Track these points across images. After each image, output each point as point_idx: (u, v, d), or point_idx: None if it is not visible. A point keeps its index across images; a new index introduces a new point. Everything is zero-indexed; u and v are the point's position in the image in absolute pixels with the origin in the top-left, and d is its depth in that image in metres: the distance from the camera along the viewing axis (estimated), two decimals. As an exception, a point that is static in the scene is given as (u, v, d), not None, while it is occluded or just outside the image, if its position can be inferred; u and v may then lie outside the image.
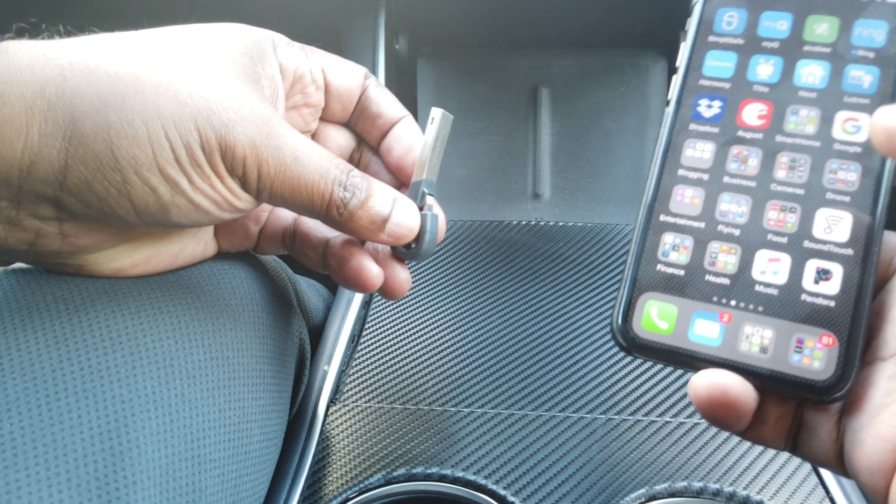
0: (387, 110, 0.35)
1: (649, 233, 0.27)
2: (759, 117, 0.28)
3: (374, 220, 0.31)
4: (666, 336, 0.26)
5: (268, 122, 0.28)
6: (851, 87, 0.27)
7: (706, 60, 0.29)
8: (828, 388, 0.24)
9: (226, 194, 0.28)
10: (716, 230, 0.27)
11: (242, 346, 0.34)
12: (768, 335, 0.25)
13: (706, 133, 0.28)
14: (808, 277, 0.25)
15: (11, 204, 0.26)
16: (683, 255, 0.27)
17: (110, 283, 0.31)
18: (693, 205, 0.27)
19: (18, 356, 0.27)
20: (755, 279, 0.26)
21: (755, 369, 0.25)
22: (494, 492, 0.39)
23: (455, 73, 0.72)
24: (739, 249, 0.26)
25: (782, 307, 0.25)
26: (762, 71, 0.28)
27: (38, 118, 0.25)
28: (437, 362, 0.48)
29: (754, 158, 0.27)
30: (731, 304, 0.26)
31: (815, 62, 0.28)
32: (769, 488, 0.39)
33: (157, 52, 0.27)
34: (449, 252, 0.59)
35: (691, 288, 0.26)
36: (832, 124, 0.27)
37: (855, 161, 0.26)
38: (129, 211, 0.27)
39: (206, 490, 0.30)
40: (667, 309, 0.26)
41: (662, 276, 0.27)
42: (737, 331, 0.25)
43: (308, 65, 0.33)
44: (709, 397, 0.24)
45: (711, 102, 0.28)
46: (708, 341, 0.25)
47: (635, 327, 0.26)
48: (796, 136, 0.27)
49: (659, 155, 0.28)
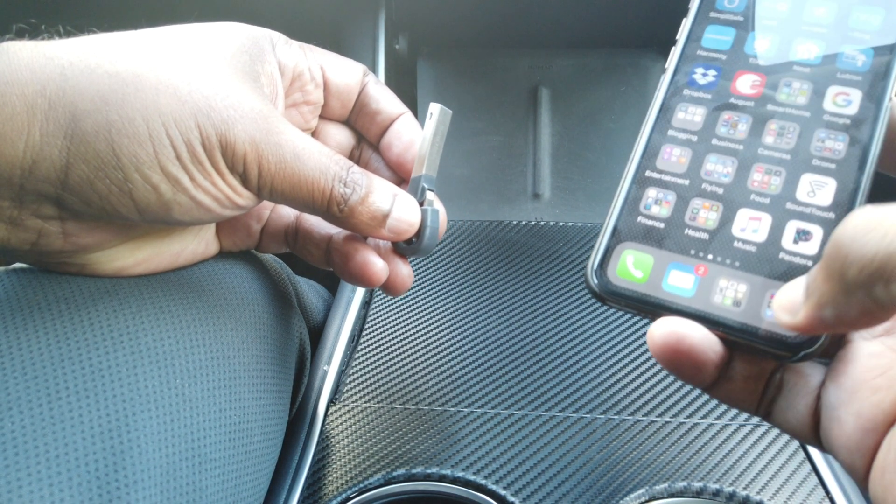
0: (386, 107, 0.35)
1: (634, 186, 0.28)
2: (752, 87, 0.28)
3: (375, 215, 0.31)
4: (640, 284, 0.26)
5: (267, 120, 0.28)
6: (845, 64, 0.27)
7: (705, 33, 0.30)
8: (797, 345, 0.23)
9: (227, 191, 0.28)
10: (699, 188, 0.27)
11: (243, 346, 0.34)
12: (742, 289, 0.25)
13: (699, 98, 0.29)
14: (787, 237, 0.25)
15: (14, 204, 0.26)
16: (665, 210, 0.27)
17: (111, 283, 0.31)
18: (679, 163, 0.28)
19: (20, 355, 0.27)
20: (734, 236, 0.26)
21: (725, 321, 0.24)
22: (494, 492, 0.39)
23: (455, 73, 0.72)
24: (721, 207, 0.27)
25: (759, 264, 0.25)
26: (759, 45, 0.29)
27: (40, 117, 0.25)
28: (437, 362, 0.48)
29: (744, 124, 0.28)
30: (707, 257, 0.26)
31: (811, 40, 0.28)
32: (769, 488, 0.39)
33: (157, 50, 0.27)
34: (449, 252, 0.59)
35: (669, 240, 0.26)
36: (824, 97, 0.27)
37: (843, 132, 0.27)
38: (131, 209, 0.27)
39: (206, 489, 0.30)
40: (643, 259, 0.26)
41: (642, 228, 0.27)
42: (711, 283, 0.25)
43: (307, 62, 0.33)
44: (664, 344, 0.23)
45: (707, 71, 0.29)
46: (681, 292, 0.25)
47: (610, 275, 0.26)
48: (787, 106, 0.28)
49: (651, 116, 0.29)
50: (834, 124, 0.27)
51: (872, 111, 0.27)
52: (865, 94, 0.27)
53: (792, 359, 0.24)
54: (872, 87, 0.27)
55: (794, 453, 0.41)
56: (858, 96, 0.27)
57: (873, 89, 0.27)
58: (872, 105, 0.27)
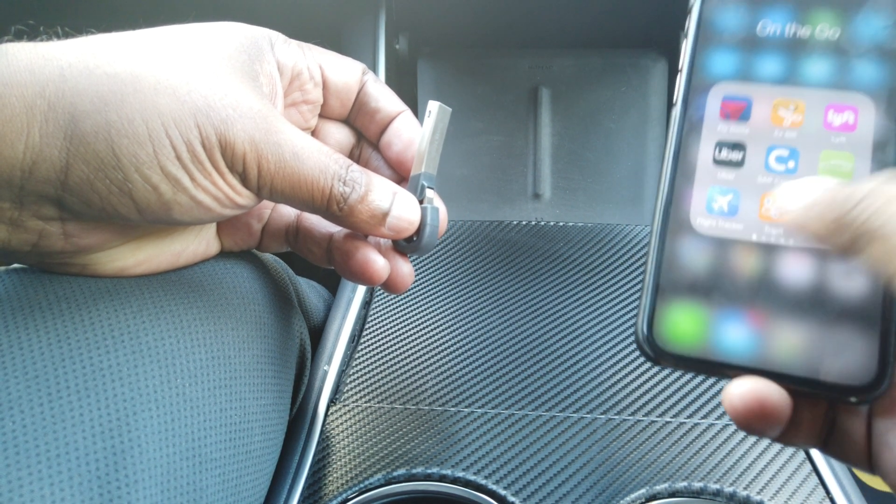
0: (385, 105, 0.35)
1: (669, 236, 0.26)
2: (792, 115, 0.27)
3: (375, 214, 0.31)
4: (694, 345, 0.25)
5: (266, 119, 0.28)
6: (856, 81, 0.26)
7: (708, 58, 0.28)
8: (865, 389, 0.23)
9: (227, 191, 0.28)
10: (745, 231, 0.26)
11: (244, 346, 0.34)
12: (801, 339, 0.24)
13: (729, 132, 0.27)
14: (836, 277, 0.24)
15: (14, 205, 0.26)
16: (709, 258, 0.25)
17: (112, 282, 0.31)
18: (719, 206, 0.26)
19: (20, 354, 0.27)
20: (783, 282, 0.25)
21: (790, 375, 0.24)
22: (494, 492, 0.39)
23: (455, 74, 0.72)
24: (767, 251, 0.25)
25: (813, 309, 0.24)
26: (767, 67, 0.27)
27: (39, 118, 0.25)
28: (437, 362, 0.48)
29: (786, 157, 0.26)
30: (760, 308, 0.25)
31: (818, 58, 0.27)
32: (769, 488, 0.39)
33: (155, 50, 0.27)
34: (449, 252, 0.59)
35: (718, 292, 0.25)
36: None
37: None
38: (132, 209, 0.27)
39: (206, 489, 0.30)
40: (693, 315, 0.25)
41: (686, 281, 0.25)
42: (768, 336, 0.24)
43: (306, 62, 0.33)
44: (745, 408, 0.23)
45: (735, 101, 0.27)
46: (739, 348, 0.24)
47: (662, 337, 0.25)
48: (833, 134, 0.26)
49: (671, 156, 0.27)
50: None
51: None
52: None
53: (863, 403, 0.23)
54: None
55: (794, 453, 0.41)
56: (873, 116, 0.26)
57: None
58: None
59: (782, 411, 0.23)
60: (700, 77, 0.28)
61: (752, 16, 0.28)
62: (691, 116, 0.27)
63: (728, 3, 0.28)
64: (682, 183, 0.27)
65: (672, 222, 0.26)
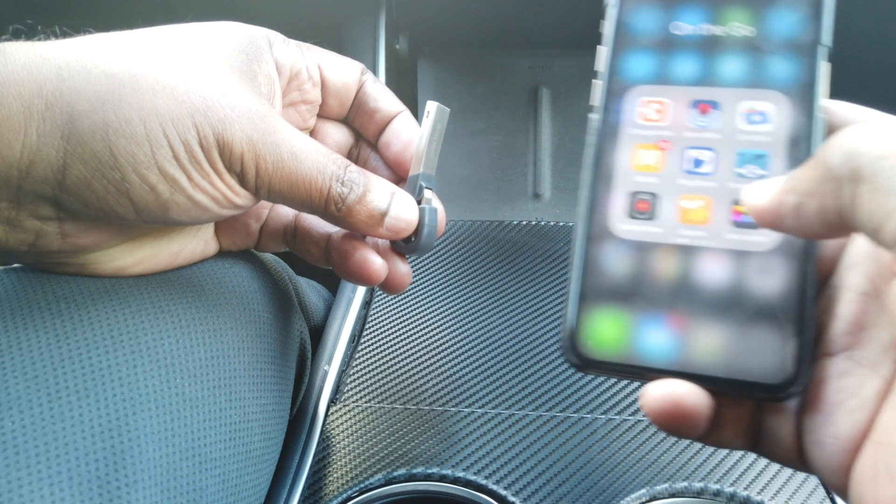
0: (384, 105, 0.35)
1: (589, 244, 0.26)
2: (703, 116, 0.27)
3: (373, 214, 0.31)
4: (618, 350, 0.25)
5: (265, 119, 0.28)
6: (770, 78, 0.26)
7: (625, 62, 0.28)
8: (783, 386, 0.23)
9: (225, 191, 0.28)
10: (664, 236, 0.26)
11: (243, 346, 0.34)
12: (719, 340, 0.24)
13: (643, 135, 0.27)
14: (753, 277, 0.24)
15: (11, 205, 0.26)
16: (628, 265, 0.25)
17: (111, 282, 0.31)
18: (639, 210, 0.26)
19: (20, 354, 0.27)
20: (702, 284, 0.25)
21: (709, 376, 0.24)
22: (495, 492, 0.39)
23: (455, 73, 0.72)
24: (685, 253, 0.25)
25: (731, 310, 0.24)
26: (683, 68, 0.27)
27: (37, 118, 0.25)
28: (437, 362, 0.48)
29: (705, 158, 0.26)
30: (680, 311, 0.24)
31: (732, 55, 0.27)
32: (770, 489, 0.39)
33: (153, 50, 0.27)
34: (449, 252, 0.59)
35: (639, 297, 0.25)
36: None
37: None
38: (129, 209, 0.27)
39: (206, 489, 0.30)
40: (615, 322, 0.25)
41: (607, 289, 0.25)
42: (688, 338, 0.24)
43: (304, 61, 0.33)
44: (661, 410, 0.23)
45: (648, 106, 0.27)
46: (660, 351, 0.24)
47: (585, 345, 0.25)
48: (748, 133, 0.26)
49: (590, 162, 0.27)
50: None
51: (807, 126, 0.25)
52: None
53: (783, 399, 0.23)
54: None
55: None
56: (793, 114, 0.26)
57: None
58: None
59: (699, 412, 0.23)
60: (617, 81, 0.28)
61: (666, 17, 0.28)
62: (610, 121, 0.27)
63: (643, 5, 0.28)
64: (603, 188, 0.26)
65: (593, 228, 0.26)
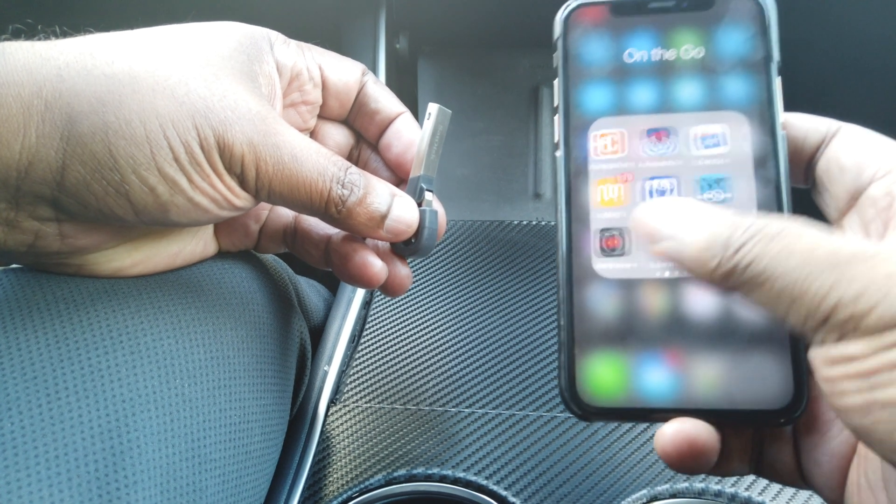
0: (385, 107, 0.35)
1: (574, 286, 0.25)
2: (661, 143, 0.26)
3: (373, 216, 0.30)
4: (619, 395, 0.24)
5: (265, 121, 0.28)
6: (726, 99, 0.26)
7: (580, 95, 0.27)
8: (786, 411, 0.23)
9: (225, 192, 0.28)
10: (645, 271, 0.25)
11: (243, 346, 0.34)
12: (718, 372, 0.24)
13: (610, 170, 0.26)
14: (741, 304, 0.24)
15: (10, 206, 0.26)
16: (616, 304, 0.25)
17: (110, 283, 0.31)
18: (615, 246, 0.26)
19: (19, 355, 0.27)
20: (692, 316, 0.24)
21: (714, 410, 0.24)
22: (495, 492, 0.39)
23: (456, 73, 0.72)
24: (668, 287, 0.25)
25: (725, 340, 0.24)
26: (638, 96, 0.27)
27: (36, 119, 0.25)
28: (437, 362, 0.48)
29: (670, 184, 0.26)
30: (675, 347, 0.24)
31: (686, 78, 0.26)
32: (770, 490, 0.38)
33: (154, 51, 0.27)
34: (449, 252, 0.59)
35: (632, 337, 0.24)
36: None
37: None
38: (128, 211, 0.27)
39: (206, 490, 0.30)
40: (612, 366, 0.24)
41: (599, 332, 0.25)
42: (687, 374, 0.24)
43: (305, 62, 0.33)
44: (676, 451, 0.23)
45: (598, 141, 0.27)
46: (661, 391, 0.24)
47: (585, 393, 0.24)
48: (709, 158, 0.26)
49: (563, 201, 0.26)
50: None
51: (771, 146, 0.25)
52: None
53: (787, 424, 0.24)
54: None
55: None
56: (755, 133, 0.25)
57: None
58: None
59: (712, 447, 0.23)
60: (576, 116, 0.27)
61: (617, 45, 0.27)
62: (575, 158, 0.27)
63: (592, 34, 0.27)
64: (578, 228, 0.26)
65: (575, 270, 0.25)
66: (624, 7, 0.27)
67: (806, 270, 0.19)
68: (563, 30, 0.27)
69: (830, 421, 0.23)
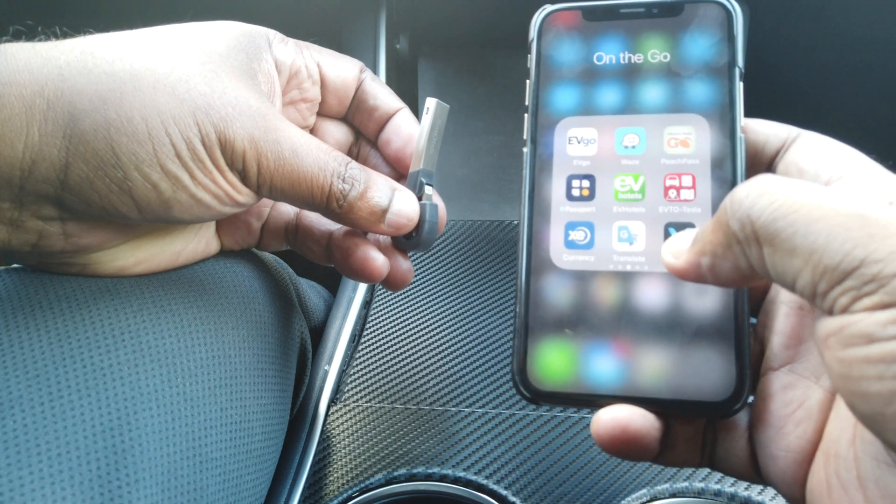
0: (383, 103, 0.35)
1: (532, 276, 0.26)
2: (630, 143, 0.27)
3: (374, 210, 0.31)
4: (566, 380, 0.25)
5: (265, 117, 0.28)
6: (690, 102, 0.27)
7: (551, 95, 0.28)
8: (727, 403, 0.24)
9: (227, 188, 0.28)
10: (603, 264, 0.26)
11: (244, 345, 0.34)
12: (663, 363, 0.25)
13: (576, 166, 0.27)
14: (690, 298, 0.25)
15: (14, 205, 0.26)
16: (570, 295, 0.26)
17: (112, 282, 0.31)
18: (578, 241, 0.27)
19: (21, 354, 0.27)
20: (642, 309, 0.25)
21: (657, 398, 0.24)
22: (495, 492, 0.39)
23: (456, 73, 0.72)
24: (623, 280, 0.26)
25: (671, 333, 0.25)
26: (607, 97, 0.28)
27: (38, 118, 0.25)
28: (437, 362, 0.48)
29: (633, 185, 0.27)
30: (623, 337, 0.25)
31: (652, 82, 0.27)
32: (770, 489, 0.39)
33: (154, 50, 0.27)
34: (450, 252, 0.59)
35: (583, 326, 0.25)
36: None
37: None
38: (131, 208, 0.27)
39: (207, 489, 0.30)
40: (562, 352, 0.25)
41: (552, 321, 0.26)
42: (632, 363, 0.25)
43: (303, 60, 0.33)
44: (610, 436, 0.24)
45: (575, 135, 0.28)
46: (607, 378, 0.25)
47: (535, 377, 0.25)
48: (676, 157, 0.27)
49: (527, 195, 0.27)
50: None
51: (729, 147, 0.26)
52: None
53: (728, 415, 0.24)
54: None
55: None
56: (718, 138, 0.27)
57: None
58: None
59: (647, 434, 0.24)
60: (545, 114, 0.28)
61: (587, 48, 0.28)
62: (541, 154, 0.28)
63: (564, 37, 0.29)
64: (541, 221, 0.27)
65: (535, 261, 0.27)
66: (596, 12, 0.29)
67: (831, 224, 0.18)
68: (537, 33, 0.29)
69: (786, 416, 0.24)
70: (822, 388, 0.23)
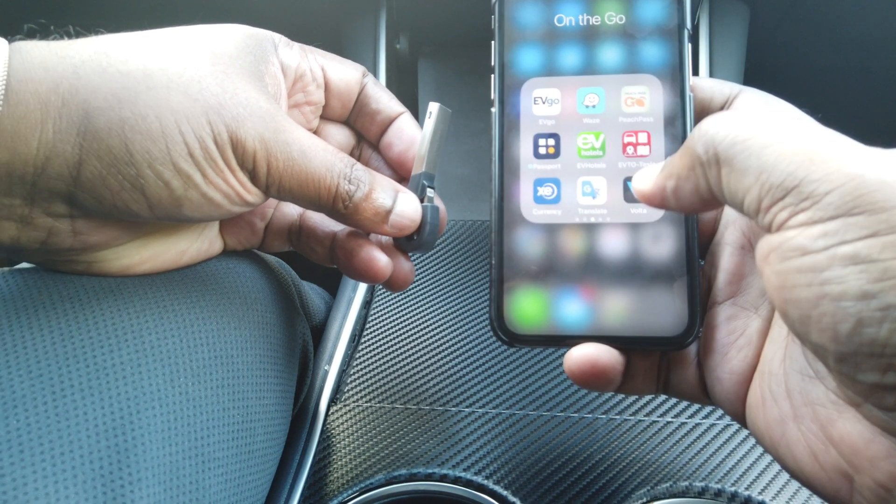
0: (386, 107, 0.36)
1: (504, 230, 0.29)
2: (591, 103, 0.29)
3: (378, 211, 0.31)
4: (539, 324, 0.28)
5: (275, 118, 0.29)
6: (644, 63, 0.29)
7: (515, 56, 0.30)
8: (681, 337, 0.27)
9: (237, 188, 0.29)
10: (569, 215, 0.29)
11: (247, 345, 0.34)
12: (624, 304, 0.28)
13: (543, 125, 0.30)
14: (646, 245, 0.28)
15: (25, 202, 0.26)
16: (541, 243, 0.28)
17: (116, 282, 0.31)
18: (545, 195, 0.29)
19: (25, 353, 0.27)
20: (605, 256, 0.28)
21: (620, 336, 0.27)
22: (495, 492, 0.39)
23: (456, 73, 0.72)
24: (589, 229, 0.28)
25: (631, 277, 0.28)
26: (568, 58, 0.30)
27: (53, 115, 0.25)
28: (437, 362, 0.48)
29: (594, 142, 0.29)
30: (588, 282, 0.28)
31: (609, 44, 0.29)
32: (771, 489, 0.39)
33: (166, 50, 0.28)
34: (449, 252, 0.59)
35: (552, 274, 0.28)
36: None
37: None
38: (143, 205, 0.27)
39: (209, 488, 0.30)
40: (534, 298, 0.28)
41: (524, 268, 0.28)
42: (597, 306, 0.28)
43: (308, 63, 0.33)
44: (580, 370, 0.27)
45: (540, 95, 0.30)
46: (575, 320, 0.28)
47: (511, 321, 0.28)
48: (634, 116, 0.29)
49: (496, 154, 0.30)
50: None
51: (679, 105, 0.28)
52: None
53: (682, 348, 0.27)
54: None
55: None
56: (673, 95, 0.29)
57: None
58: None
59: (613, 367, 0.27)
60: (511, 75, 0.30)
61: (548, 10, 0.30)
62: (509, 115, 0.30)
63: (525, 1, 0.30)
64: (510, 178, 0.29)
65: (506, 216, 0.29)
66: None
67: (780, 149, 0.21)
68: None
69: (730, 343, 0.27)
70: (760, 318, 0.27)
